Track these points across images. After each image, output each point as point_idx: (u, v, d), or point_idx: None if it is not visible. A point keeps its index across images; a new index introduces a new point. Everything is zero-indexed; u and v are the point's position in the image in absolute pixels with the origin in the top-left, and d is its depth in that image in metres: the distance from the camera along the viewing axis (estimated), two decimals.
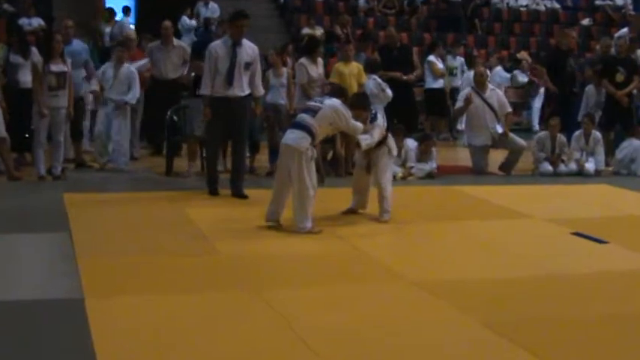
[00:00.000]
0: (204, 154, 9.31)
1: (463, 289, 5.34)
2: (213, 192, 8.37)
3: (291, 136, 6.86)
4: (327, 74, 10.60)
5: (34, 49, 9.68)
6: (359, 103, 7.32)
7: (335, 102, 6.99)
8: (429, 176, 10.12)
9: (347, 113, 6.97)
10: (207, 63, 8.22)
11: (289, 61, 12.47)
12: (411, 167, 10.05)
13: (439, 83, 14.48)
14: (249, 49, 8.31)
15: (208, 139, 8.57)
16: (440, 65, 14.46)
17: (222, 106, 8.18)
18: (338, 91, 7.47)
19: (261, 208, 7.19)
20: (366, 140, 7.17)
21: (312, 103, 7.18)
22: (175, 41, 11.09)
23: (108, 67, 10.07)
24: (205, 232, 6.77)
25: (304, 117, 6.93)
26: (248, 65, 8.24)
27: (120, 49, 10.28)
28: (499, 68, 15.37)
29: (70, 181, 9.17)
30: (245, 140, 8.55)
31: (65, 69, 9.24)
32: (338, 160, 10.07)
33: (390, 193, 7.44)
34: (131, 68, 10.07)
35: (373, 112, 7.43)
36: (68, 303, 4.86)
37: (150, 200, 8.18)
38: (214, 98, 8.20)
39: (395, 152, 7.64)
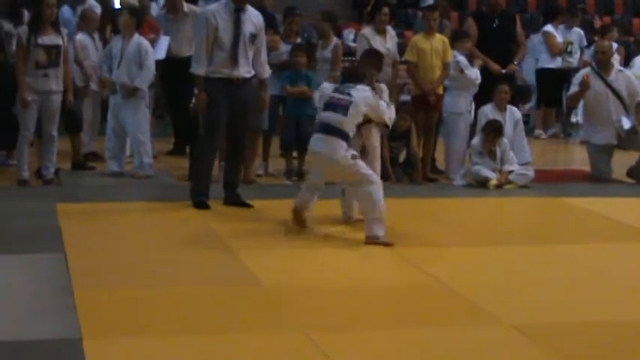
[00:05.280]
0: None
1: (578, 336, 5.38)
2: (202, 204, 8.38)
3: (324, 146, 7.29)
4: (401, 51, 10.73)
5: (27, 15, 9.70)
6: (367, 58, 8.14)
7: (363, 91, 7.34)
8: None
9: (378, 99, 7.47)
10: (202, 33, 8.31)
11: None
12: (510, 172, 10.04)
13: (557, 62, 14.42)
14: (253, 16, 8.46)
15: (205, 135, 8.55)
16: (559, 38, 14.44)
17: (223, 91, 8.31)
18: (354, 74, 7.67)
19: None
20: (388, 114, 7.64)
21: (337, 96, 7.41)
22: (187, 7, 10.91)
23: (115, 41, 10.11)
24: (240, 255, 6.85)
25: (332, 118, 7.28)
26: (253, 38, 8.42)
27: (126, 14, 10.04)
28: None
29: (66, 187, 9.36)
30: (245, 136, 8.69)
31: (59, 41, 9.29)
32: (414, 161, 10.14)
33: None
34: (142, 40, 9.99)
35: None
36: (62, 345, 4.89)
37: (167, 212, 8.30)
38: (213, 80, 8.31)
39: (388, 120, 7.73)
